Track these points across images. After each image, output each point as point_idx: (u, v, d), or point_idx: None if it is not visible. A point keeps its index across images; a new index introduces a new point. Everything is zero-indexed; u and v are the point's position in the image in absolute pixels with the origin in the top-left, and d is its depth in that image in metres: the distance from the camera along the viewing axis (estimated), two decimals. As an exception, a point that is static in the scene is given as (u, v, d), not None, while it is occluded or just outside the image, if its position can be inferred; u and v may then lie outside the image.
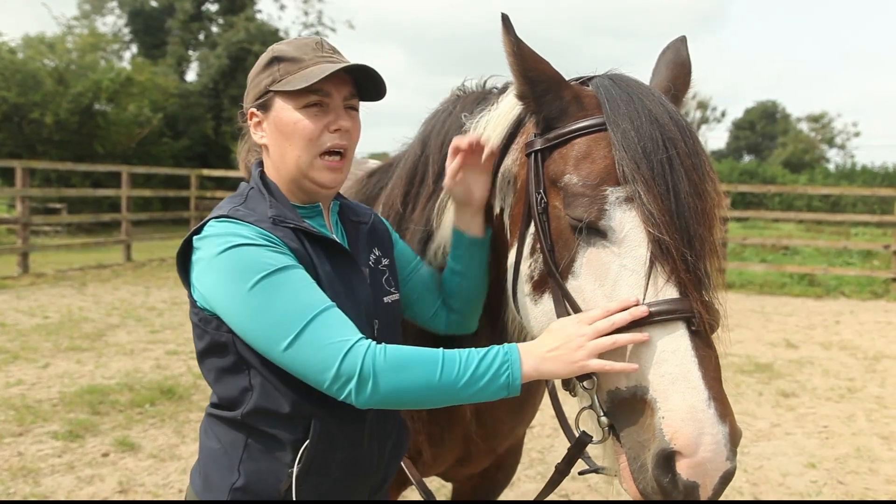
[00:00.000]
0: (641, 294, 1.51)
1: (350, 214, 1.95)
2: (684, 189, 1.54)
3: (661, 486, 1.43)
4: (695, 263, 1.51)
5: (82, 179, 23.29)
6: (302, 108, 1.72)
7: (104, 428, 5.68)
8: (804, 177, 43.45)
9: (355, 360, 1.51)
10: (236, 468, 1.71)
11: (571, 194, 1.62)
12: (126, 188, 16.68)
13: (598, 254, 1.59)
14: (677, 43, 1.98)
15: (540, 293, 1.71)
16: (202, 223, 1.69)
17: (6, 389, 6.52)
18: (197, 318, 1.72)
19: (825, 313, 12.12)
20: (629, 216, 1.56)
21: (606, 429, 1.57)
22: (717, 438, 1.41)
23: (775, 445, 5.83)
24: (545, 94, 1.72)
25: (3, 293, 11.59)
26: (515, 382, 1.55)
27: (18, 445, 5.28)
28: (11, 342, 8.25)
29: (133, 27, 33.26)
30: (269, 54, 1.80)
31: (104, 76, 24.32)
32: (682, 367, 1.45)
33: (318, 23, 35.10)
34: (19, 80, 22.57)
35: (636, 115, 1.60)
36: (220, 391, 1.75)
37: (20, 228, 13.86)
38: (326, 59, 1.74)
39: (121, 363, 7.57)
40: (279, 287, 1.56)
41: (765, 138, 71.11)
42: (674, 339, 1.48)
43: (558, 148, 1.70)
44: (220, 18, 33.22)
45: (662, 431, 1.43)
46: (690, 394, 1.43)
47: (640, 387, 1.49)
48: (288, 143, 1.74)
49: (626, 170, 1.55)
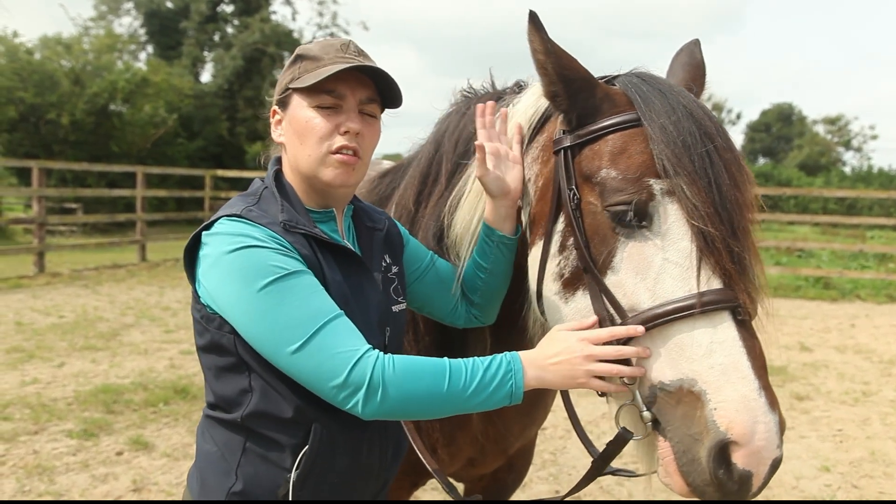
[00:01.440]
0: (686, 285, 1.52)
1: (365, 220, 1.92)
2: (725, 182, 1.57)
3: (717, 477, 1.44)
4: (740, 254, 1.53)
5: (98, 180, 23.46)
6: (316, 107, 1.71)
7: (118, 427, 5.72)
8: (820, 179, 43.12)
9: (364, 370, 1.50)
10: (234, 472, 1.68)
11: (611, 189, 1.62)
12: (141, 188, 16.78)
13: (640, 247, 1.59)
14: (691, 45, 1.99)
15: (572, 290, 1.70)
16: (213, 219, 1.66)
17: (22, 388, 6.57)
18: (199, 315, 1.69)
19: (840, 317, 12.03)
20: (671, 209, 1.57)
21: (649, 424, 1.56)
22: (770, 426, 1.43)
23: (789, 449, 5.79)
24: (579, 93, 1.72)
25: (19, 292, 11.69)
26: (519, 391, 1.56)
27: (34, 444, 5.32)
28: (27, 341, 8.32)
29: (149, 28, 33.45)
30: (296, 52, 1.80)
31: (120, 77, 24.52)
32: (731, 357, 1.47)
33: (333, 24, 35.18)
34: (36, 81, 22.78)
35: (672, 110, 1.62)
36: (218, 390, 1.72)
37: (36, 228, 13.97)
38: (346, 60, 1.71)
39: (135, 363, 7.62)
40: (288, 292, 1.54)
41: (780, 141, 70.68)
42: (721, 329, 1.49)
43: (590, 144, 1.70)
44: (235, 20, 33.36)
45: (716, 422, 1.43)
46: (742, 384, 1.44)
47: (686, 379, 1.49)
48: (300, 141, 1.72)
49: (667, 164, 1.56)
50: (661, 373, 1.53)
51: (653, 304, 1.55)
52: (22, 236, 18.83)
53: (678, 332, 1.52)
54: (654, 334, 1.55)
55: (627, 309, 1.59)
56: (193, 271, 1.69)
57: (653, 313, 1.54)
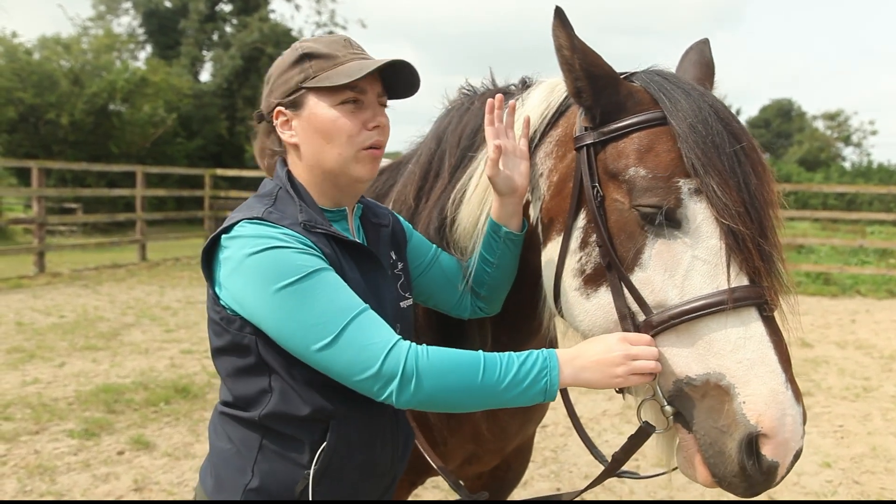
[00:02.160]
0: (714, 282, 1.55)
1: (371, 216, 1.93)
2: (753, 181, 1.59)
3: (745, 469, 1.47)
4: (770, 252, 1.57)
5: (97, 179, 23.47)
6: (338, 104, 1.70)
7: (119, 426, 5.73)
8: (820, 175, 43.12)
9: (398, 359, 1.51)
10: (250, 469, 1.69)
11: (641, 187, 1.63)
12: (141, 188, 16.78)
13: (669, 245, 1.60)
14: (700, 44, 2.00)
15: (594, 287, 1.70)
16: (232, 222, 1.65)
17: (23, 388, 6.58)
18: (218, 317, 1.68)
19: (840, 312, 12.04)
20: (700, 207, 1.59)
21: (671, 418, 1.59)
22: (797, 419, 1.49)
23: (790, 445, 5.79)
24: (604, 90, 1.72)
25: (19, 292, 11.70)
26: (553, 388, 1.57)
27: (35, 443, 5.33)
28: (28, 341, 8.33)
29: (147, 28, 33.43)
30: (296, 52, 1.75)
31: (119, 77, 24.52)
32: (759, 352, 1.50)
33: (331, 22, 35.18)
34: (35, 81, 22.78)
35: (698, 110, 1.63)
36: (236, 390, 1.72)
37: (36, 228, 13.98)
38: (360, 56, 1.73)
39: (136, 362, 7.62)
40: (316, 289, 1.55)
41: (780, 136, 70.61)
42: (750, 325, 1.53)
43: (614, 142, 1.71)
44: (234, 19, 33.35)
45: (745, 416, 1.47)
46: (770, 377, 1.48)
47: (714, 373, 1.52)
48: (325, 141, 1.71)
49: (697, 163, 1.57)
50: (687, 367, 1.56)
51: (681, 300, 1.57)
52: (22, 236, 18.83)
53: (707, 327, 1.54)
54: (680, 330, 1.57)
55: (653, 305, 1.60)
56: (211, 273, 1.69)
57: (681, 309, 1.56)
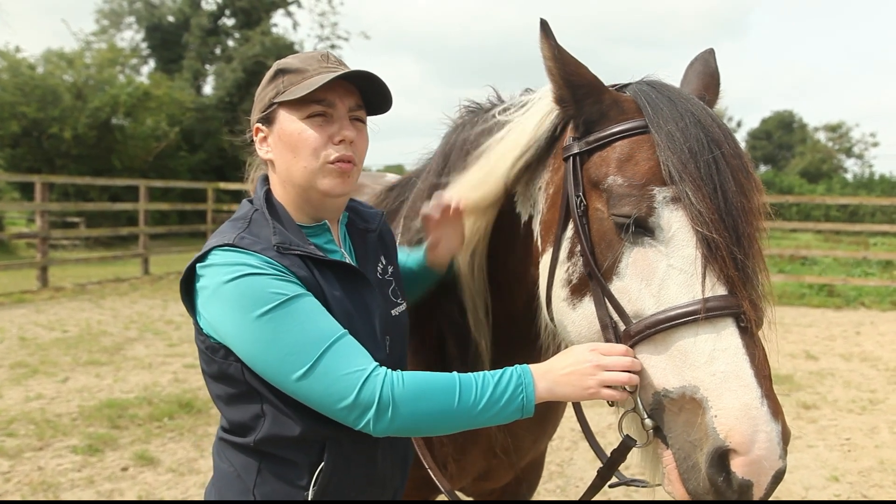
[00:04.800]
0: (690, 292, 1.52)
1: (358, 222, 1.92)
2: (731, 188, 1.56)
3: (715, 485, 1.43)
4: (743, 262, 1.53)
5: (100, 193, 23.49)
6: (306, 118, 1.69)
7: (123, 442, 5.70)
8: (822, 186, 43.12)
9: (373, 389, 1.51)
10: (251, 492, 1.69)
11: (617, 195, 1.63)
12: (143, 202, 16.79)
13: (645, 254, 1.60)
14: (705, 55, 2.01)
15: (579, 296, 1.71)
16: (206, 250, 1.64)
17: (26, 404, 6.56)
18: (203, 346, 1.69)
19: (845, 324, 11.99)
20: (676, 216, 1.57)
21: (651, 432, 1.57)
22: (772, 436, 1.42)
23: (797, 458, 5.76)
24: (585, 99, 1.74)
25: (22, 307, 11.68)
26: (530, 404, 1.57)
27: (38, 460, 5.30)
28: (31, 356, 8.31)
29: (150, 42, 33.54)
30: (274, 68, 1.78)
31: (122, 91, 24.56)
32: (733, 364, 1.46)
33: (333, 35, 35.31)
34: (39, 96, 22.83)
35: (680, 117, 1.62)
36: (231, 416, 1.72)
37: (39, 243, 13.96)
38: (330, 70, 1.72)
39: (139, 377, 7.60)
40: (290, 317, 1.54)
41: (781, 148, 70.63)
42: (724, 336, 1.49)
43: (598, 151, 1.71)
44: (237, 33, 33.48)
45: (716, 430, 1.42)
46: (743, 391, 1.43)
47: (689, 386, 1.49)
48: (292, 155, 1.71)
49: (673, 170, 1.57)
50: (664, 379, 1.54)
51: (657, 309, 1.55)
52: (25, 251, 18.85)
53: (681, 338, 1.52)
54: (657, 340, 1.55)
55: (632, 315, 1.59)
56: (192, 302, 1.68)
57: (656, 319, 1.54)
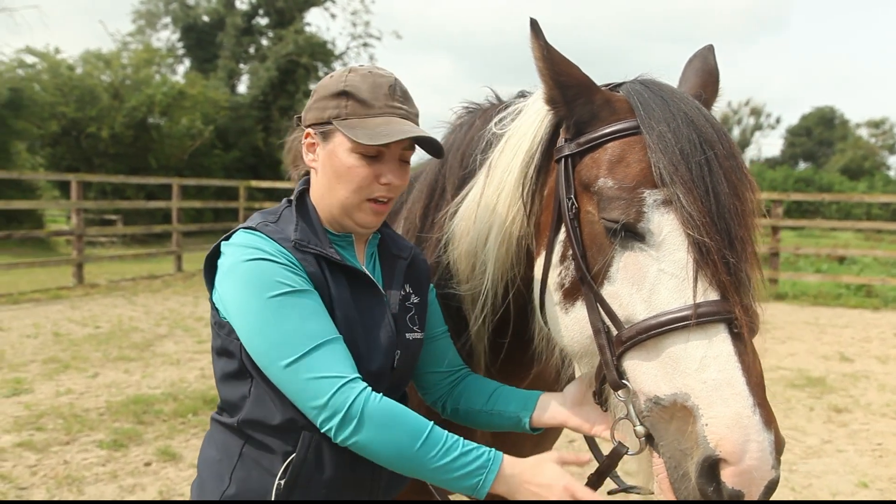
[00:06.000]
0: (681, 297, 1.49)
1: (392, 247, 1.94)
2: (724, 191, 1.52)
3: (705, 495, 1.39)
4: (736, 266, 1.49)
5: (137, 191, 23.89)
6: (360, 153, 1.72)
7: (147, 437, 5.78)
8: (863, 184, 42.33)
9: (346, 397, 1.55)
10: (228, 476, 1.74)
11: (607, 198, 1.60)
12: (176, 200, 17.04)
13: (636, 258, 1.56)
14: (704, 51, 1.95)
15: (571, 301, 1.69)
16: (233, 230, 1.74)
17: (56, 398, 6.68)
18: (213, 321, 1.78)
19: (883, 325, 11.73)
20: (667, 219, 1.54)
21: (643, 439, 1.53)
22: (763, 446, 1.38)
23: (825, 463, 5.64)
24: (576, 99, 1.71)
25: (58, 303, 11.92)
26: (483, 490, 1.56)
27: (65, 454, 5.39)
28: (64, 352, 8.46)
29: (186, 42, 34.08)
30: (340, 84, 1.76)
31: (158, 90, 25.01)
32: (725, 372, 1.42)
33: (366, 34, 35.49)
34: (77, 96, 23.36)
35: (672, 117, 1.58)
36: (224, 394, 1.80)
37: (75, 240, 14.25)
38: (396, 112, 1.73)
39: (167, 373, 7.70)
40: (291, 308, 1.60)
41: (822, 145, 69.43)
42: (715, 343, 1.45)
43: (590, 153, 1.68)
44: (270, 32, 33.86)
45: (706, 439, 1.39)
46: (735, 400, 1.40)
47: (680, 394, 1.45)
48: (338, 182, 1.74)
49: (664, 172, 1.53)
50: (656, 386, 1.50)
51: (648, 315, 1.52)
52: (65, 248, 19.22)
53: (672, 344, 1.48)
54: (648, 346, 1.51)
55: (623, 320, 1.56)
56: (212, 278, 1.76)
57: (647, 324, 1.50)
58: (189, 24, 33.55)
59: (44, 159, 24.86)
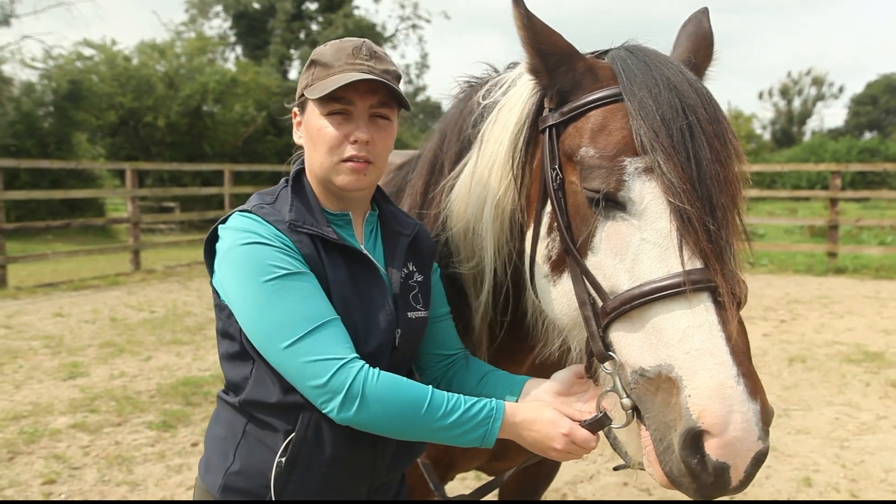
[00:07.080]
0: (664, 266, 1.46)
1: (394, 224, 1.93)
2: (706, 157, 1.49)
3: (690, 467, 1.37)
4: (717, 233, 1.45)
5: (193, 178, 24.38)
6: (327, 114, 1.73)
7: (195, 419, 5.91)
8: (932, 152, 40.53)
9: (346, 377, 1.55)
10: (232, 452, 1.77)
11: (588, 167, 1.57)
12: (228, 186, 17.33)
13: (618, 228, 1.54)
14: (699, 14, 1.89)
15: (559, 273, 1.67)
16: (230, 214, 1.76)
17: (110, 381, 6.88)
18: (215, 303, 1.80)
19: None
20: (649, 187, 1.51)
21: (630, 411, 1.50)
22: (748, 416, 1.35)
23: (880, 439, 5.46)
24: (558, 67, 1.68)
25: (116, 289, 12.28)
26: (491, 438, 1.59)
27: (116, 435, 5.56)
28: (119, 336, 8.71)
29: (237, 29, 34.52)
30: (311, 56, 1.82)
31: (211, 78, 25.40)
32: (708, 342, 1.39)
33: (414, 14, 35.42)
34: (133, 86, 23.90)
35: (653, 83, 1.55)
36: (228, 374, 1.82)
37: (131, 227, 14.65)
38: (356, 67, 1.72)
39: (216, 356, 7.80)
40: (287, 291, 1.61)
41: (888, 113, 66.80)
42: (698, 312, 1.42)
43: (573, 122, 1.65)
44: (320, 17, 34.08)
45: (689, 410, 1.36)
46: (718, 370, 1.37)
47: (665, 365, 1.42)
48: (313, 148, 1.77)
49: (645, 139, 1.50)
50: (641, 358, 1.47)
51: (631, 285, 1.49)
52: (125, 235, 19.76)
53: (656, 314, 1.45)
54: (633, 317, 1.48)
55: (608, 291, 1.54)
56: (212, 262, 1.79)
57: (630, 294, 1.48)
58: (240, 11, 33.95)
59: (104, 149, 25.53)
